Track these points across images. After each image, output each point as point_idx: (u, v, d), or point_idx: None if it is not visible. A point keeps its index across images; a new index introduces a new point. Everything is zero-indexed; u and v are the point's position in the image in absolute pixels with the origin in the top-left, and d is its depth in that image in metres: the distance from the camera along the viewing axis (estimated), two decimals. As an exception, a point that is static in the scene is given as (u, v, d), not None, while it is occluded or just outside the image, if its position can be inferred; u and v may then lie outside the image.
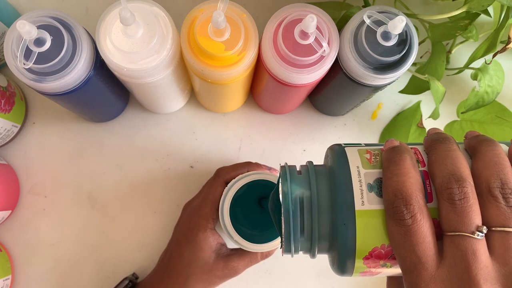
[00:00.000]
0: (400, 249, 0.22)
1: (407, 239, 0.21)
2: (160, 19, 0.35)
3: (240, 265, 0.40)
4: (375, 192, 0.24)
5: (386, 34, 0.34)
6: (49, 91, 0.35)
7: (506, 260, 0.21)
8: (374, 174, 0.24)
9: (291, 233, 0.24)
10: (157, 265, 0.43)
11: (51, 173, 0.48)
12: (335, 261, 0.25)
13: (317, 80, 0.38)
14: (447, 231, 0.22)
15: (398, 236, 0.22)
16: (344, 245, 0.24)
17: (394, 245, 0.22)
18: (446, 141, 0.24)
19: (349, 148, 0.26)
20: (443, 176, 0.22)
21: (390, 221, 0.22)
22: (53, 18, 0.34)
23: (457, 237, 0.21)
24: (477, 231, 0.21)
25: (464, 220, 0.21)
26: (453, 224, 0.21)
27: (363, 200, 0.24)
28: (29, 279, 0.46)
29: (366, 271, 0.24)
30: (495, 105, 0.47)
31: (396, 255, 0.22)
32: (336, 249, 0.24)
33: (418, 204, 0.22)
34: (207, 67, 0.35)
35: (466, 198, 0.21)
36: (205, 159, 0.49)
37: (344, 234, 0.23)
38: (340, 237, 0.24)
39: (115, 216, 0.48)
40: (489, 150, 0.23)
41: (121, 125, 0.49)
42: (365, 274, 0.25)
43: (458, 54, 0.52)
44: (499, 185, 0.21)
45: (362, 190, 0.24)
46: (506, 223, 0.21)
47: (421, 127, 0.50)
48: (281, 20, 0.36)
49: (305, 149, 0.51)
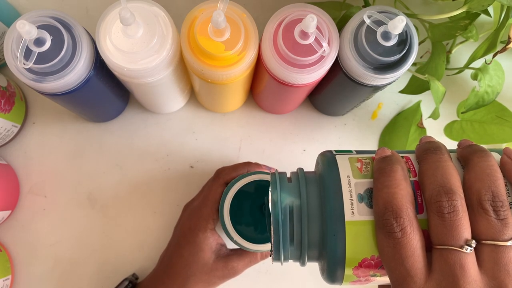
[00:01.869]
0: (390, 261, 0.22)
1: (397, 252, 0.21)
2: (160, 19, 0.35)
3: (240, 265, 0.40)
4: (366, 203, 0.24)
5: (386, 34, 0.34)
6: (49, 91, 0.35)
7: (495, 274, 0.21)
8: (364, 184, 0.24)
9: (280, 242, 0.24)
10: (157, 265, 0.43)
11: (51, 173, 0.48)
12: (324, 270, 0.25)
13: (317, 80, 0.38)
14: (436, 244, 0.22)
15: (388, 249, 0.22)
16: (333, 255, 0.23)
17: (383, 258, 0.22)
18: (437, 151, 0.23)
19: (340, 156, 0.26)
20: (433, 188, 0.22)
21: (380, 233, 0.22)
22: (53, 18, 0.34)
23: (445, 251, 0.21)
24: (466, 245, 0.21)
25: (453, 233, 0.21)
26: (442, 237, 0.21)
27: (353, 211, 0.24)
28: (29, 279, 0.46)
29: (355, 280, 0.24)
30: (495, 105, 0.47)
31: (385, 267, 0.22)
32: (325, 259, 0.24)
33: (408, 217, 0.22)
34: (207, 67, 0.35)
35: (455, 212, 0.21)
36: (205, 159, 0.49)
37: (334, 244, 0.23)
38: (329, 247, 0.23)
39: (115, 216, 0.48)
40: (481, 161, 0.22)
41: (121, 125, 0.49)
42: (355, 283, 0.25)
43: (458, 54, 0.52)
44: (490, 198, 0.21)
45: (352, 200, 0.24)
46: (496, 236, 0.21)
47: (421, 127, 0.50)
48: (281, 20, 0.36)
49: (305, 149, 0.51)
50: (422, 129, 0.50)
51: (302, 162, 0.50)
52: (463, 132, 0.48)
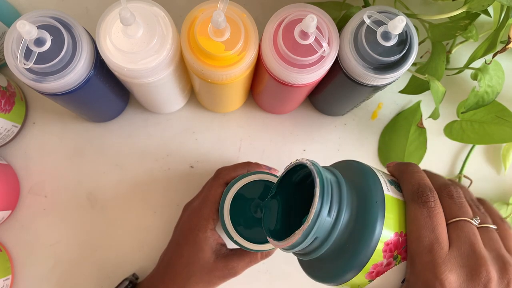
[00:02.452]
0: (421, 229, 0.25)
1: (429, 219, 0.25)
2: (160, 19, 0.35)
3: (240, 265, 0.40)
4: (394, 186, 0.27)
5: (386, 34, 0.34)
6: (49, 91, 0.35)
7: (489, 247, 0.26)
8: (387, 176, 0.28)
9: (322, 207, 0.24)
10: (157, 265, 0.43)
11: (51, 173, 0.48)
12: (357, 239, 0.25)
13: (317, 80, 0.38)
14: (451, 218, 0.26)
15: (421, 217, 0.25)
16: (373, 222, 0.24)
17: (414, 227, 0.25)
18: (416, 168, 0.28)
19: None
20: (442, 182, 0.28)
21: (413, 205, 0.25)
22: (53, 18, 0.34)
23: (460, 222, 0.25)
24: (474, 219, 0.26)
25: (463, 209, 0.26)
26: (456, 212, 0.26)
27: (388, 188, 0.26)
28: (29, 279, 0.46)
29: (378, 263, 0.25)
30: (495, 105, 0.47)
31: (415, 236, 0.25)
32: (361, 229, 0.25)
33: (436, 195, 0.26)
34: (207, 67, 0.35)
35: (461, 196, 0.27)
36: (205, 159, 0.49)
37: (375, 211, 0.25)
38: (371, 213, 0.25)
39: (115, 216, 0.48)
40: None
41: (121, 125, 0.49)
42: (373, 270, 0.25)
43: (458, 54, 0.52)
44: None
45: (385, 181, 0.27)
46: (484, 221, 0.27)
47: (421, 127, 0.50)
48: (281, 20, 0.36)
49: (305, 149, 0.51)
50: (422, 129, 0.50)
51: (302, 162, 0.50)
52: (463, 132, 0.48)
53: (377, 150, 0.51)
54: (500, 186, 0.52)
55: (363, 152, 0.51)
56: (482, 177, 0.52)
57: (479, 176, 0.52)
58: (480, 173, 0.52)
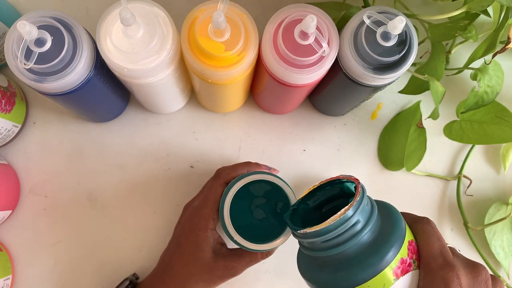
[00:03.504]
0: (431, 236, 0.30)
1: (434, 232, 0.31)
2: (160, 19, 0.35)
3: (240, 265, 0.41)
4: None
5: (386, 34, 0.34)
6: (49, 91, 0.35)
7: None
8: None
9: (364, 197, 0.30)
10: (157, 265, 0.43)
11: (52, 173, 0.48)
12: (387, 234, 0.29)
13: (317, 80, 0.38)
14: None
15: (429, 229, 0.31)
16: (400, 220, 0.30)
17: (424, 237, 0.30)
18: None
19: None
20: None
21: (420, 224, 0.31)
22: (53, 18, 0.34)
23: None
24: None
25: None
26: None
27: None
28: (29, 279, 0.46)
29: (403, 259, 0.28)
30: (494, 105, 0.47)
31: (426, 243, 0.30)
32: (391, 228, 0.30)
33: None
34: (207, 67, 0.35)
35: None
36: (205, 159, 0.49)
37: (400, 217, 0.31)
38: (396, 217, 0.31)
39: (115, 216, 0.48)
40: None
41: (121, 125, 0.49)
42: (400, 266, 0.28)
43: (457, 54, 0.52)
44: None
45: None
46: None
47: (420, 127, 0.51)
48: (281, 20, 0.36)
49: (305, 149, 0.51)
50: (421, 129, 0.50)
51: (302, 162, 0.50)
52: (462, 132, 0.48)
53: (377, 150, 0.52)
54: (499, 186, 0.52)
55: (363, 152, 0.51)
56: (482, 177, 0.52)
57: (479, 176, 0.52)
58: (480, 173, 0.52)
